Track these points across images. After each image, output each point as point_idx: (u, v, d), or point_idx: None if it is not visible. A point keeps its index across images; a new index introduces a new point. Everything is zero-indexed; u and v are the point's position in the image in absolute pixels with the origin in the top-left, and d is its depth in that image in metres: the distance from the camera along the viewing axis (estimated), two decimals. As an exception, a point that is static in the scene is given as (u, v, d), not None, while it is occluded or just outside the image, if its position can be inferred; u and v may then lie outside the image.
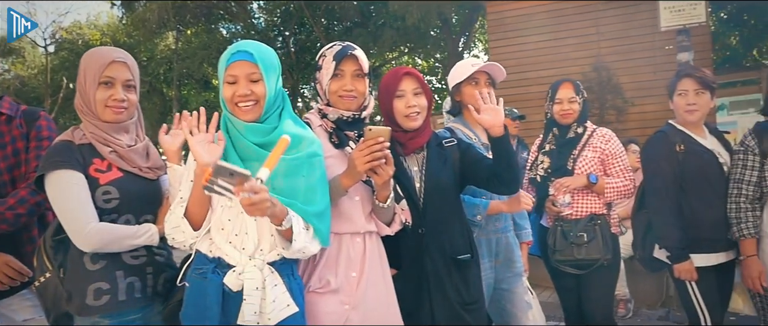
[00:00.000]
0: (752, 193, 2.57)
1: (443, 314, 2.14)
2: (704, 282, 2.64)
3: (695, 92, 2.70)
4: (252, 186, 1.47)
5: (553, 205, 2.87)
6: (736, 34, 9.89)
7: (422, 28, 12.04)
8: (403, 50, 14.79)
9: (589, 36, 9.12)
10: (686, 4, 5.52)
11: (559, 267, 2.88)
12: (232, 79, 1.75)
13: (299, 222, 1.69)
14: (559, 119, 2.96)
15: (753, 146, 2.59)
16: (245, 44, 1.77)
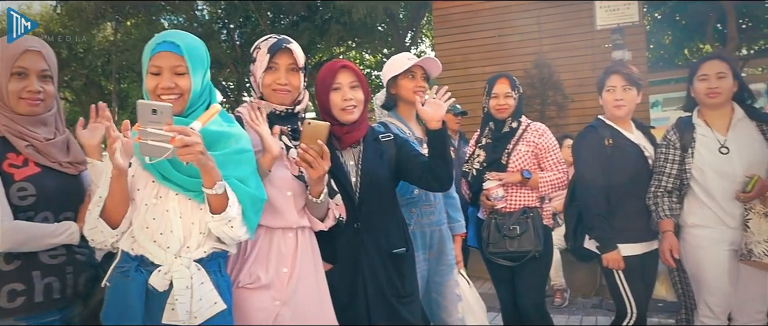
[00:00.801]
0: (671, 184, 2.69)
1: (378, 308, 2.15)
2: (630, 271, 2.74)
3: (623, 88, 2.80)
4: (183, 129, 1.48)
5: (487, 199, 2.92)
6: (669, 34, 10.31)
7: (369, 24, 12.02)
8: (350, 45, 14.72)
9: (531, 34, 9.31)
10: (621, 3, 5.72)
11: (492, 259, 2.94)
12: (155, 71, 1.69)
13: (234, 195, 1.66)
14: (494, 114, 3.01)
15: (674, 141, 2.71)
16: (172, 34, 1.72)
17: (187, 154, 1.50)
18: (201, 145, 1.52)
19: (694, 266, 2.63)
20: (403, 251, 2.25)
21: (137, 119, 1.48)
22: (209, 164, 1.57)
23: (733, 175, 2.54)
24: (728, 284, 2.56)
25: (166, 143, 1.48)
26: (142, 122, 1.47)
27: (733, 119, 2.64)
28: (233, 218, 1.64)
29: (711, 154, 2.60)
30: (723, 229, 2.56)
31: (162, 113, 1.47)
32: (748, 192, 2.44)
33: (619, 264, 2.70)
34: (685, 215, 2.68)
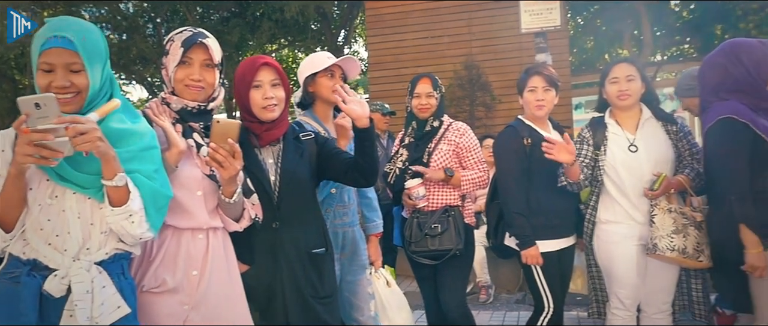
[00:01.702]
0: (584, 179, 2.79)
1: (297, 309, 2.11)
2: (548, 267, 2.82)
3: (543, 88, 2.88)
4: (75, 118, 1.41)
5: (409, 198, 2.94)
6: (591, 39, 10.75)
7: (302, 22, 11.90)
8: (282, 43, 14.52)
9: (462, 35, 9.48)
10: (544, 8, 5.90)
11: (414, 258, 2.96)
12: (47, 68, 1.56)
13: (136, 189, 1.58)
14: (417, 113, 3.03)
15: (588, 138, 2.82)
16: (62, 26, 1.58)
17: (84, 143, 1.42)
18: (98, 131, 1.45)
19: (606, 260, 2.74)
20: (323, 251, 2.22)
21: (26, 122, 1.37)
22: (109, 153, 1.49)
23: (641, 172, 2.66)
24: (637, 277, 2.68)
25: (62, 137, 1.39)
26: (31, 122, 1.36)
27: (641, 119, 2.77)
28: (134, 213, 1.56)
29: (621, 152, 2.71)
30: (632, 224, 2.68)
31: (46, 106, 1.37)
32: (656, 190, 2.56)
33: (538, 260, 2.77)
34: (598, 212, 2.78)
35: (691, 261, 2.52)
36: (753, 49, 2.49)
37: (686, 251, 2.50)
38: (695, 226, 2.53)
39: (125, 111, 1.69)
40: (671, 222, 2.52)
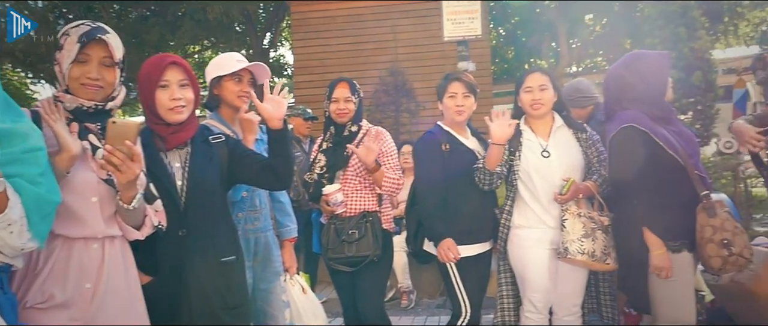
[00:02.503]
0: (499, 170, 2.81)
1: (204, 320, 2.01)
2: (466, 271, 2.85)
3: (463, 94, 2.90)
4: None
5: (326, 204, 2.88)
6: (512, 49, 11.10)
7: (226, 23, 11.59)
8: (205, 44, 14.09)
9: (387, 41, 9.55)
10: (465, 17, 6.01)
11: (331, 265, 2.90)
12: None
13: (16, 196, 1.43)
14: (335, 118, 2.99)
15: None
16: None
17: None
18: None
19: (520, 265, 2.79)
20: (233, 259, 2.13)
21: None
22: None
23: (553, 177, 2.73)
24: (549, 281, 2.75)
25: None
26: None
27: (553, 126, 2.85)
28: (13, 222, 1.42)
29: (535, 157, 2.78)
30: (544, 229, 2.75)
31: None
32: (564, 194, 2.64)
33: (454, 251, 2.74)
34: (513, 216, 2.83)
35: (599, 264, 2.61)
36: (650, 62, 2.61)
37: (595, 254, 2.58)
38: (603, 230, 2.63)
39: (6, 109, 1.54)
40: (581, 226, 2.60)
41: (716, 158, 6.05)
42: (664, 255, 2.45)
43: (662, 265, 2.45)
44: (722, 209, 2.45)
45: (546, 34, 9.24)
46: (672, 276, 2.47)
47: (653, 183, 2.48)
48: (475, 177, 2.78)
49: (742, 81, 7.14)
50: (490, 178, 2.75)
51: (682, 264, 2.50)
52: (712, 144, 6.40)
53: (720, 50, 9.39)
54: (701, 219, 2.44)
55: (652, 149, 2.46)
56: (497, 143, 2.67)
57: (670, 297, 2.52)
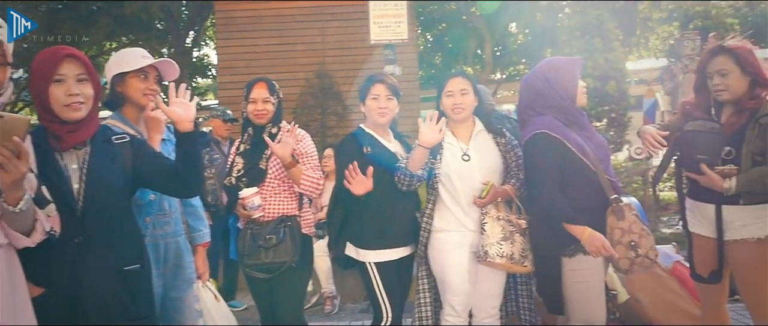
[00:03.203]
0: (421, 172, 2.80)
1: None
2: (387, 276, 2.82)
3: (386, 97, 2.88)
4: None
5: (243, 208, 2.78)
6: (439, 55, 11.26)
7: (145, 19, 11.11)
8: (123, 41, 13.44)
9: (315, 43, 9.46)
10: (392, 21, 6.03)
11: (248, 272, 2.80)
12: None
13: None
14: (253, 119, 2.89)
15: None
16: None
17: None
18: None
19: (440, 268, 2.79)
20: (138, 267, 1.99)
21: None
22: None
23: (473, 181, 2.75)
24: (469, 284, 2.76)
25: None
26: None
27: (474, 130, 2.87)
28: None
29: (455, 161, 2.79)
30: (464, 232, 2.76)
31: None
32: (484, 198, 2.66)
33: (377, 256, 2.75)
34: (433, 220, 2.83)
35: (517, 267, 2.65)
36: (561, 70, 2.68)
37: (514, 257, 2.62)
38: (520, 233, 2.67)
39: None
40: (500, 230, 2.63)
41: (628, 163, 6.36)
42: (593, 235, 2.48)
43: (596, 243, 2.47)
44: (630, 212, 2.54)
45: (472, 42, 9.43)
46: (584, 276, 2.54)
47: (566, 187, 2.54)
48: (395, 177, 2.76)
49: (651, 91, 7.55)
50: (411, 180, 2.73)
51: (593, 266, 2.57)
52: (625, 150, 6.72)
53: (632, 62, 9.91)
54: (611, 222, 2.52)
55: (563, 154, 2.52)
56: (424, 145, 2.66)
57: (582, 298, 2.59)
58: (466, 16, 9.20)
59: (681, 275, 3.47)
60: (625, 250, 2.51)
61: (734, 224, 2.61)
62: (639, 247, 2.50)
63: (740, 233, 2.60)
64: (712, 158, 2.57)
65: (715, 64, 2.64)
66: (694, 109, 2.79)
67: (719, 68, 2.62)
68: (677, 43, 7.04)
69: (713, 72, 2.65)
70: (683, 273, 3.44)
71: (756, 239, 2.58)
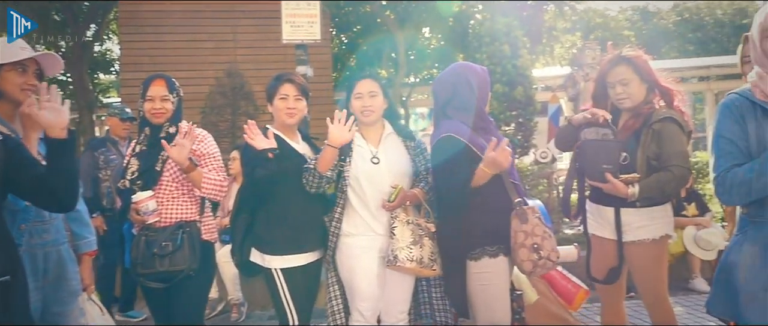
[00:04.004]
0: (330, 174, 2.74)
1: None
2: (294, 282, 2.73)
3: (295, 97, 2.80)
4: None
5: (137, 213, 2.59)
6: (354, 57, 11.24)
7: (41, 10, 10.32)
8: (14, 31, 12.42)
9: (226, 42, 9.17)
10: (304, 21, 5.93)
11: (142, 282, 2.62)
12: None
13: None
14: (150, 118, 2.72)
15: None
16: None
17: None
18: None
19: (348, 274, 2.74)
20: (8, 279, 1.79)
21: None
22: None
23: (382, 184, 2.71)
24: (378, 289, 2.72)
25: None
26: None
27: (383, 133, 2.84)
28: None
29: (365, 163, 2.75)
30: (373, 236, 2.72)
31: None
32: (392, 202, 2.63)
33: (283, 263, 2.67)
34: (342, 225, 2.77)
35: (426, 271, 2.64)
36: (477, 74, 2.73)
37: (423, 261, 2.60)
38: (429, 236, 2.66)
39: None
40: (409, 234, 2.61)
41: (534, 166, 6.58)
42: (494, 158, 2.47)
43: (499, 158, 2.47)
44: (533, 214, 2.60)
45: (386, 45, 9.48)
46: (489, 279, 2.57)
47: (472, 190, 2.56)
48: (303, 178, 2.68)
49: (556, 97, 7.90)
50: (319, 181, 2.66)
51: (498, 268, 2.60)
52: (531, 154, 6.97)
53: (539, 69, 10.34)
54: (514, 225, 2.57)
55: (469, 158, 2.54)
56: (332, 144, 2.59)
57: (486, 300, 2.61)
58: (381, 19, 9.24)
59: (551, 278, 3.53)
60: (529, 252, 2.55)
61: (632, 226, 2.74)
62: (542, 249, 2.56)
63: (637, 234, 2.74)
64: (611, 164, 2.66)
65: (616, 74, 2.76)
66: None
67: (620, 78, 2.74)
68: (579, 52, 7.39)
69: (615, 82, 2.76)
70: (553, 277, 3.53)
71: (652, 240, 2.72)
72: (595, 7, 10.98)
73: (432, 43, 10.04)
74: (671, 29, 12.43)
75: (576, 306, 3.54)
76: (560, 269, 3.54)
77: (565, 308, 3.48)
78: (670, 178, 2.62)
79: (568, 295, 3.51)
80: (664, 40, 12.33)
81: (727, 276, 1.96)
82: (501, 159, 2.47)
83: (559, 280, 3.53)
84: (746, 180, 1.82)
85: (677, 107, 2.73)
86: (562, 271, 3.52)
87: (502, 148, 2.48)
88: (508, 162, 2.52)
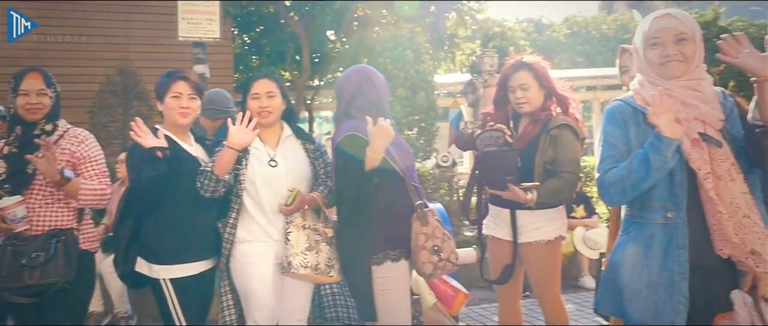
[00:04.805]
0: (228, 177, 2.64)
1: None
2: (185, 292, 2.57)
3: (189, 96, 2.66)
4: None
5: (3, 221, 2.33)
6: (257, 58, 10.98)
7: None
8: None
9: (118, 37, 8.67)
10: (203, 17, 5.69)
11: (7, 296, 2.36)
12: None
13: None
14: (24, 115, 2.46)
15: None
16: None
17: None
18: None
19: (243, 282, 2.61)
20: None
21: None
22: None
23: (279, 188, 2.62)
24: (274, 297, 2.62)
25: None
26: None
27: (282, 135, 2.75)
28: None
29: (262, 167, 2.64)
30: (269, 242, 2.61)
31: None
32: (289, 205, 2.55)
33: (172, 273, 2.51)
34: (237, 231, 2.64)
35: (323, 277, 2.57)
36: (379, 77, 2.71)
37: (319, 267, 2.52)
38: (327, 241, 2.59)
39: None
40: (305, 239, 2.53)
41: (435, 170, 6.71)
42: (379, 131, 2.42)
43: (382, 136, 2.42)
44: (433, 217, 2.60)
45: (289, 46, 9.33)
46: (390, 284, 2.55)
47: (375, 192, 2.53)
48: (197, 182, 2.54)
49: (456, 102, 8.11)
50: (216, 185, 2.52)
51: (400, 272, 2.59)
52: (433, 158, 7.10)
53: (441, 75, 10.58)
54: (416, 227, 2.56)
55: None
56: (233, 147, 2.47)
57: (389, 304, 2.58)
58: (285, 20, 9.09)
59: (431, 282, 3.52)
60: (429, 255, 2.56)
61: (528, 228, 2.83)
62: (442, 251, 2.57)
63: (533, 236, 2.83)
64: (512, 175, 2.71)
65: (517, 79, 2.84)
66: (493, 120, 2.97)
67: (521, 83, 2.82)
68: (478, 60, 7.65)
69: (515, 86, 2.84)
70: (433, 281, 3.51)
71: (547, 241, 2.82)
72: (493, 18, 11.42)
73: (337, 46, 9.99)
74: (563, 41, 13.21)
75: (455, 309, 3.59)
76: None
77: (449, 312, 3.53)
78: (563, 184, 2.72)
79: (447, 299, 3.55)
80: (556, 52, 13.08)
81: (612, 275, 2.06)
82: (381, 133, 2.40)
83: (439, 284, 3.56)
84: (619, 178, 1.92)
85: (572, 115, 2.85)
86: (444, 276, 3.42)
87: (380, 124, 2.42)
88: (391, 135, 2.45)
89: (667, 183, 1.92)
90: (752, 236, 1.84)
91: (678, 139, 1.84)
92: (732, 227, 1.84)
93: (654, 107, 1.85)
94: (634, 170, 1.88)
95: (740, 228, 1.85)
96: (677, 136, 1.83)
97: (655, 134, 1.84)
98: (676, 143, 1.84)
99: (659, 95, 1.85)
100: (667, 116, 1.83)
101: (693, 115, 1.90)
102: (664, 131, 1.82)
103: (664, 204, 1.93)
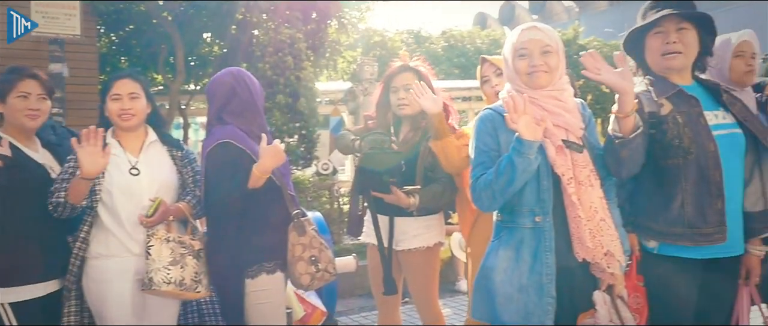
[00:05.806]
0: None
1: None
2: (29, 318, 2.34)
3: (38, 96, 2.45)
4: None
5: None
6: (126, 59, 10.27)
7: None
8: None
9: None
10: (61, 12, 5.19)
11: None
12: None
13: None
14: None
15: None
16: None
17: None
18: None
19: (98, 302, 2.37)
20: None
21: None
22: None
23: (141, 198, 2.41)
24: (133, 318, 2.40)
25: None
26: None
27: (146, 141, 2.54)
28: None
29: (121, 175, 2.42)
30: (128, 257, 2.39)
31: None
32: (151, 217, 2.35)
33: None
34: (90, 246, 2.39)
35: (188, 293, 2.39)
36: (254, 81, 2.59)
37: (184, 283, 2.34)
38: (194, 255, 2.41)
39: None
40: (169, 253, 2.34)
41: (315, 178, 6.62)
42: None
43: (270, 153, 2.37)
44: (310, 226, 2.53)
45: (162, 47, 8.79)
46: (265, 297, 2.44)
47: (249, 202, 2.41)
48: (49, 205, 2.32)
49: (337, 110, 8.09)
50: (72, 211, 2.34)
51: (275, 285, 2.49)
52: (313, 166, 7.01)
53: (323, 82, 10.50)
54: (292, 238, 2.47)
55: (250, 166, 2.37)
56: (86, 178, 2.24)
57: (265, 319, 2.48)
58: (158, 20, 8.54)
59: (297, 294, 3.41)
60: (307, 265, 2.48)
61: (408, 235, 2.83)
62: (319, 261, 2.50)
63: (413, 243, 2.84)
64: (395, 177, 2.70)
65: (402, 79, 2.85)
66: (375, 124, 2.95)
67: (405, 83, 2.82)
68: (359, 68, 7.68)
69: (399, 86, 2.85)
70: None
71: (426, 248, 2.84)
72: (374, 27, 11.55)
73: (214, 49, 9.58)
74: (440, 53, 13.65)
75: None
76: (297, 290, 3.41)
77: None
78: (442, 190, 2.77)
79: (304, 317, 3.46)
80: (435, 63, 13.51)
81: (485, 281, 2.10)
82: (273, 154, 2.35)
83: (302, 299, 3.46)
84: (488, 183, 1.97)
85: (450, 124, 2.89)
86: (299, 292, 3.30)
87: (274, 145, 2.36)
88: (282, 157, 2.40)
89: (534, 188, 1.99)
90: (607, 238, 1.96)
91: (538, 140, 1.91)
92: (588, 231, 1.95)
93: (510, 112, 1.91)
94: (500, 175, 1.93)
95: (598, 231, 1.96)
96: (536, 137, 1.90)
97: (516, 137, 1.90)
98: (537, 145, 1.91)
99: (511, 99, 1.91)
100: (524, 119, 1.90)
101: (557, 122, 2.00)
102: (524, 134, 1.88)
103: (532, 209, 2.00)
